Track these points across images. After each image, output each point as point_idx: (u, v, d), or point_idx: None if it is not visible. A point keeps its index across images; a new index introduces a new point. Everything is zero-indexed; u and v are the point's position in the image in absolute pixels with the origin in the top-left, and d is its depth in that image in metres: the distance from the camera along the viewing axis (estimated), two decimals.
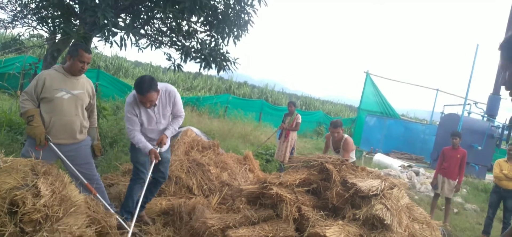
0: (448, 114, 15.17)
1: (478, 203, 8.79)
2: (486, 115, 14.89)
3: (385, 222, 2.99)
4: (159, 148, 3.83)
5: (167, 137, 3.89)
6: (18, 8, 7.34)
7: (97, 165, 4.80)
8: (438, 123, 16.95)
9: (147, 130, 3.85)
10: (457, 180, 6.48)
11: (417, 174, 10.39)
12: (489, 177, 12.27)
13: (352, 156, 5.73)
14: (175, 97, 3.91)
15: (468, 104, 14.68)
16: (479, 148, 12.78)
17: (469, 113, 15.25)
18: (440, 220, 6.05)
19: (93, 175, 3.67)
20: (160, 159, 3.78)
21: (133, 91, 3.66)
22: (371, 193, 3.19)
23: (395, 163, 11.92)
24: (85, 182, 3.35)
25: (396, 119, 17.85)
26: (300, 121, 8.18)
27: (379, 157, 13.11)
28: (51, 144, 3.36)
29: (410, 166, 11.56)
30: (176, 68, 6.77)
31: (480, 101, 16.37)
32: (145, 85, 3.50)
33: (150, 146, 3.75)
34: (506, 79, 1.55)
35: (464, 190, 9.93)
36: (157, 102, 3.73)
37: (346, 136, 5.65)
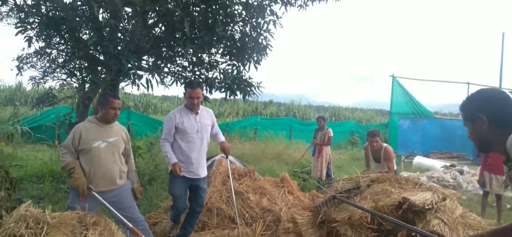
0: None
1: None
2: None
3: None
4: (226, 157, 4.43)
5: (226, 144, 4.37)
6: (47, 64, 7.68)
7: (139, 205, 4.87)
8: None
9: (188, 138, 4.10)
10: (505, 175, 6.18)
11: (461, 173, 9.96)
12: None
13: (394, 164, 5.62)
14: (213, 116, 4.43)
15: None
16: None
17: None
18: (494, 219, 5.76)
19: (137, 217, 3.73)
20: (181, 174, 4.00)
21: (180, 107, 4.23)
22: (426, 207, 3.05)
23: (436, 164, 11.51)
24: (131, 226, 3.39)
25: (430, 118, 17.34)
26: (331, 134, 8.07)
27: (419, 160, 12.69)
28: (94, 193, 3.44)
29: (452, 165, 11.12)
30: (203, 100, 6.86)
31: None
32: (195, 82, 4.31)
33: (174, 159, 4.02)
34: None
35: None
36: (199, 111, 4.17)
37: (385, 144, 5.53)
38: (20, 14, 5.74)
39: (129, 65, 5.13)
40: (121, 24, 5.74)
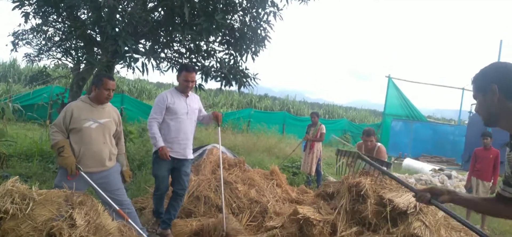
0: (476, 113, 14.72)
1: None
2: None
3: None
4: (218, 125, 4.61)
5: (220, 115, 4.54)
6: (43, 42, 7.62)
7: (127, 189, 4.86)
8: (466, 122, 16.48)
9: (178, 119, 4.16)
10: (491, 181, 6.25)
11: (449, 177, 10.08)
12: None
13: None
14: (200, 101, 4.64)
15: None
16: None
17: None
18: (477, 224, 5.84)
19: (124, 200, 3.73)
20: (169, 158, 4.06)
21: (171, 89, 4.30)
22: (409, 210, 3.08)
23: (425, 167, 11.62)
24: (117, 208, 3.40)
25: (423, 121, 17.46)
26: (324, 131, 8.10)
27: (409, 162, 12.81)
28: (82, 173, 3.43)
29: (441, 169, 11.24)
30: (197, 88, 6.85)
31: None
32: (192, 66, 4.61)
33: (161, 143, 4.04)
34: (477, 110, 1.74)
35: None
36: (189, 94, 4.31)
37: (379, 144, 5.59)
38: None
39: (126, 47, 5.10)
40: (121, 6, 5.69)
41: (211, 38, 6.55)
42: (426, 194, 1.97)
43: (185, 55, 7.10)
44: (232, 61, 6.79)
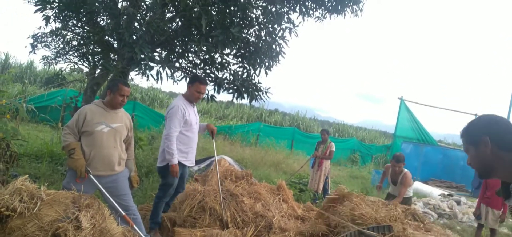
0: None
1: None
2: None
3: None
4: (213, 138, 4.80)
5: (215, 129, 4.72)
6: (61, 45, 7.76)
7: (134, 195, 4.89)
8: None
9: (191, 129, 4.33)
10: (502, 209, 6.14)
11: (458, 203, 9.91)
12: None
13: (410, 191, 5.84)
14: None
15: None
16: None
17: None
18: None
19: (130, 206, 3.75)
20: (178, 176, 4.28)
21: (180, 98, 4.35)
22: None
23: (434, 191, 11.44)
24: (123, 213, 3.41)
25: (434, 145, 17.25)
26: (333, 149, 8.06)
27: (418, 186, 12.62)
28: (91, 176, 3.46)
29: (450, 195, 11.05)
30: (210, 99, 6.89)
31: None
32: (205, 79, 4.75)
33: (176, 161, 4.16)
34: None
35: (511, 220, 9.36)
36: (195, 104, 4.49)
37: (406, 170, 5.71)
38: None
39: (142, 55, 5.18)
40: (139, 14, 5.80)
41: (226, 51, 6.62)
42: None
43: (199, 66, 7.17)
44: (245, 74, 6.83)
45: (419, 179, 14.59)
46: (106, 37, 6.17)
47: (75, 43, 7.67)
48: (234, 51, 6.79)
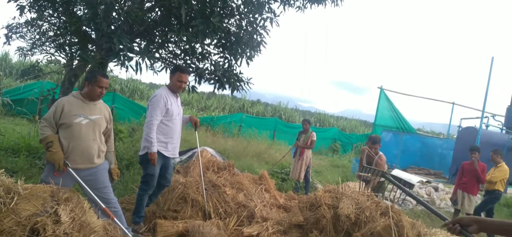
0: (465, 128, 14.92)
1: (500, 217, 8.52)
2: (504, 128, 14.58)
3: None
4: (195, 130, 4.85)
5: (198, 121, 4.78)
6: (37, 36, 7.55)
7: (114, 188, 4.83)
8: (455, 136, 16.66)
9: (172, 120, 4.31)
10: (477, 195, 6.34)
11: (436, 189, 10.18)
12: (511, 191, 11.94)
13: None
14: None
15: (486, 117, 14.42)
16: None
17: (487, 126, 14.96)
18: None
19: (111, 199, 3.70)
20: (156, 165, 4.24)
21: (164, 88, 4.34)
22: None
23: (413, 178, 11.67)
24: (103, 206, 3.37)
25: (413, 134, 17.60)
26: (315, 138, 8.13)
27: (397, 173, 12.86)
28: (70, 169, 3.40)
29: (428, 182, 11.34)
30: (191, 90, 6.84)
31: (498, 113, 16.09)
32: (186, 67, 4.69)
33: (155, 149, 4.16)
34: None
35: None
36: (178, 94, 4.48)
37: (380, 153, 5.82)
38: None
39: (121, 45, 5.08)
40: (117, 3, 5.67)
41: (207, 41, 6.56)
42: (456, 226, 1.99)
43: (179, 57, 7.09)
44: (226, 65, 6.79)
45: (398, 166, 14.89)
46: (84, 27, 6.02)
47: (51, 33, 7.46)
48: (215, 41, 6.73)
